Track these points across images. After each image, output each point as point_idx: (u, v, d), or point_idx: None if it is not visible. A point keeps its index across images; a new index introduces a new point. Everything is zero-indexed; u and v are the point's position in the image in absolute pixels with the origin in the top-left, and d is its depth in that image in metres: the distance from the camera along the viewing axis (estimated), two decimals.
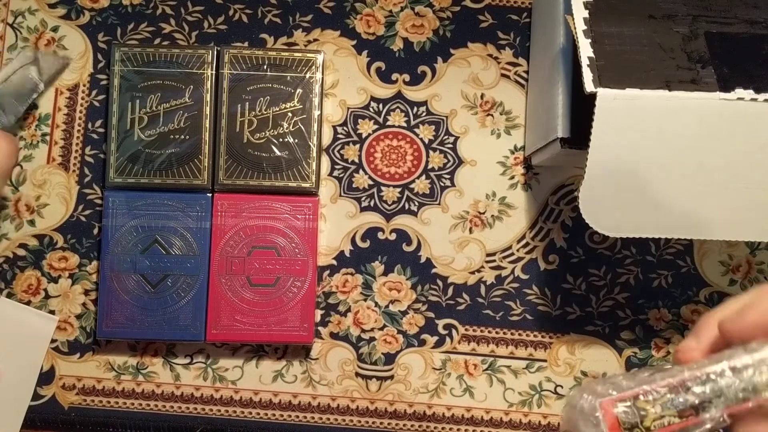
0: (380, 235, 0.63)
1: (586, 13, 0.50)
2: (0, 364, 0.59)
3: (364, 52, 0.65)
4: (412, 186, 0.64)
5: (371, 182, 0.64)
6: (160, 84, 0.60)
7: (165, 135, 0.60)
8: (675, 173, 0.48)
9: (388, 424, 0.63)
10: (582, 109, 0.50)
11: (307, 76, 0.61)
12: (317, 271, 0.62)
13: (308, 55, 0.61)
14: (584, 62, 0.48)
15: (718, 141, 0.47)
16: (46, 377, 0.62)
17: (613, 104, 0.47)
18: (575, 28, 0.49)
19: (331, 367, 0.63)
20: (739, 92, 0.47)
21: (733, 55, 0.49)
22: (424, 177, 0.64)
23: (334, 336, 0.63)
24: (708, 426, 0.35)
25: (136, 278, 0.59)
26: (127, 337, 0.60)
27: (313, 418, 0.62)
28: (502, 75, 0.64)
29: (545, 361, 0.63)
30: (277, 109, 0.60)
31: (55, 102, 0.63)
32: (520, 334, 0.63)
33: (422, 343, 0.63)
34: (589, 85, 0.47)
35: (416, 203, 0.63)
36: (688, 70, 0.48)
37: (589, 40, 0.49)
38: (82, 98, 0.63)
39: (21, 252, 0.62)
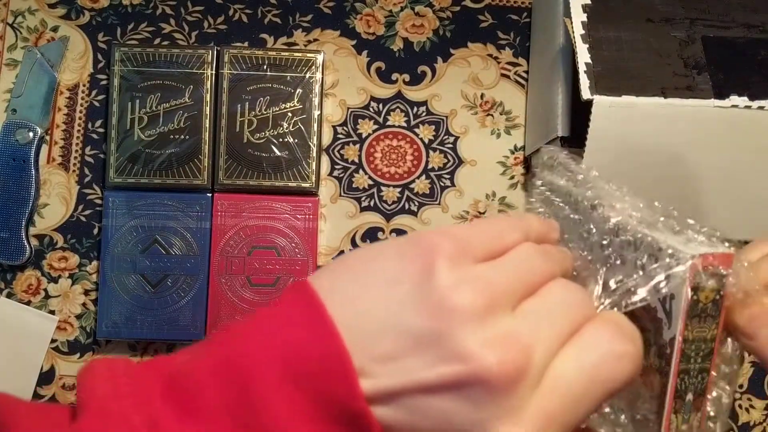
0: (380, 235, 0.63)
1: (584, 17, 0.50)
2: None
3: (364, 52, 0.65)
4: (412, 186, 0.64)
5: (371, 182, 0.64)
6: (160, 84, 0.60)
7: (165, 135, 0.60)
8: (669, 178, 0.48)
9: None
10: (582, 108, 0.50)
11: (307, 76, 0.61)
12: None
13: (308, 55, 0.61)
14: (581, 68, 0.48)
15: (712, 147, 0.48)
16: (46, 377, 0.62)
17: (609, 111, 0.47)
18: (573, 33, 0.49)
19: None
20: (734, 99, 0.47)
21: (729, 60, 0.49)
22: (424, 177, 0.64)
23: None
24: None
25: (136, 278, 0.59)
26: (127, 337, 0.60)
27: None
28: (502, 75, 0.64)
29: None
30: (277, 109, 0.60)
31: (55, 102, 0.63)
32: None
33: None
34: (585, 93, 0.48)
35: (416, 203, 0.63)
36: (684, 76, 0.48)
37: (587, 46, 0.49)
38: (82, 98, 0.63)
39: None
